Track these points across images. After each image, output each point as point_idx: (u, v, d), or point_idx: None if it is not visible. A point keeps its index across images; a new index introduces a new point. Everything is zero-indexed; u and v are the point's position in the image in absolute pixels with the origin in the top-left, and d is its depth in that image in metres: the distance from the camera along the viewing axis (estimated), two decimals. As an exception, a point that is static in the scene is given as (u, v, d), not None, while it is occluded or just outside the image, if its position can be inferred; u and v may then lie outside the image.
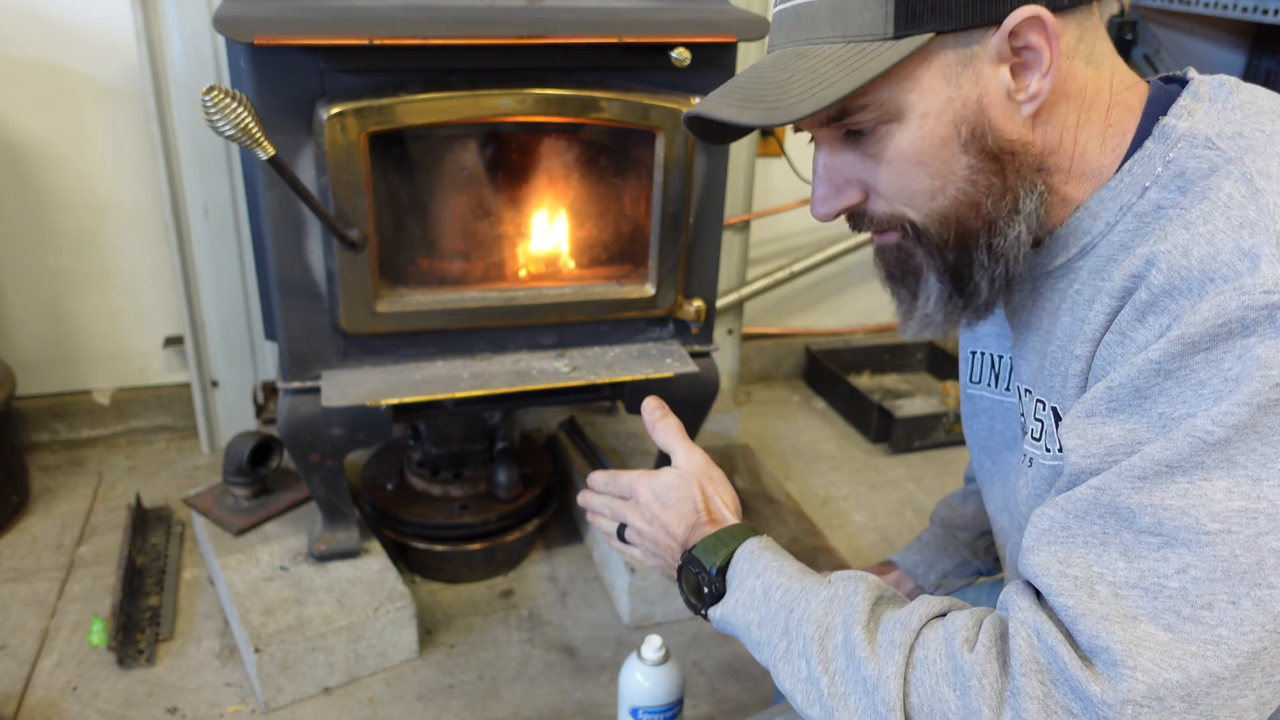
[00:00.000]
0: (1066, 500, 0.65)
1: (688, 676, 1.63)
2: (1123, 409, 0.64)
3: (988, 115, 0.70)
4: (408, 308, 1.51)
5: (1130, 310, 0.66)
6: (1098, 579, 0.62)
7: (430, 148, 1.53)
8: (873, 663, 0.68)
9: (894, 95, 0.70)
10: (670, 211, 1.55)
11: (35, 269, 2.04)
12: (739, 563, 0.82)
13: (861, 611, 0.72)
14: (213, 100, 1.17)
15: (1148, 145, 0.72)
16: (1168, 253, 0.64)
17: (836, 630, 0.72)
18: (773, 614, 0.77)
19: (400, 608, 1.59)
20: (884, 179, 0.74)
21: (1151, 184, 0.70)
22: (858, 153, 0.74)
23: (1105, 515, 0.63)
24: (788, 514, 2.04)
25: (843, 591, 0.74)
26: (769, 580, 0.79)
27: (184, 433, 2.25)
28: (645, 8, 1.47)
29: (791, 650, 0.74)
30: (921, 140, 0.71)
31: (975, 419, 0.96)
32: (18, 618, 1.69)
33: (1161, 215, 0.69)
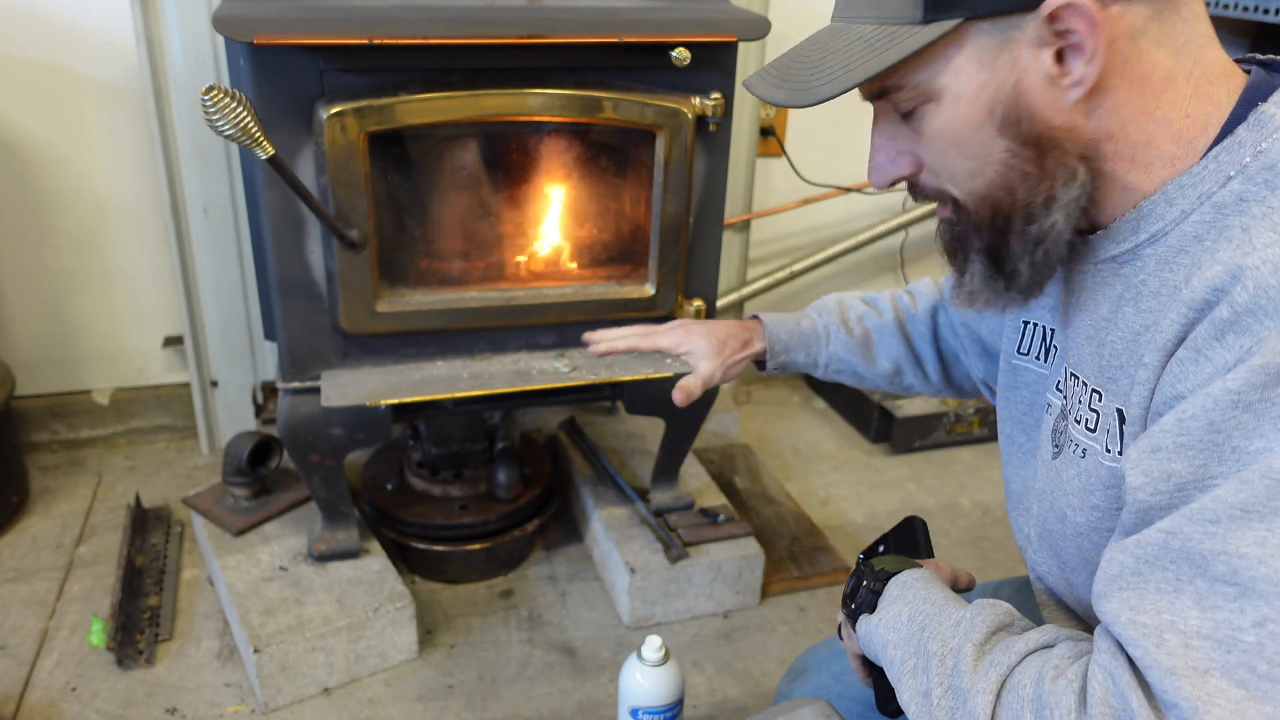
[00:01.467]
0: (1136, 545, 0.62)
1: (688, 676, 1.63)
2: (1193, 444, 0.61)
3: (1026, 100, 0.68)
4: (408, 308, 1.51)
5: (1209, 326, 0.62)
6: (1167, 627, 0.59)
7: (430, 148, 1.53)
8: (971, 677, 0.69)
9: (928, 77, 0.70)
10: (670, 211, 1.54)
11: (35, 269, 2.04)
12: (894, 586, 0.83)
13: (979, 633, 0.72)
14: (212, 100, 1.17)
15: (1239, 132, 0.67)
16: (1256, 268, 0.60)
17: (956, 650, 0.72)
18: (910, 635, 0.78)
19: (400, 608, 1.59)
20: (928, 155, 0.75)
21: (1237, 174, 0.66)
22: (909, 127, 0.75)
23: (1177, 560, 0.60)
24: (788, 514, 2.03)
25: (970, 614, 0.74)
26: (915, 607, 0.80)
27: (184, 433, 2.25)
28: (645, 8, 1.47)
29: (917, 667, 0.75)
30: (955, 122, 0.71)
31: (1016, 391, 0.94)
32: (17, 618, 1.69)
33: (1243, 209, 0.65)
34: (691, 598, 1.76)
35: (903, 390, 1.20)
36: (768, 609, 1.81)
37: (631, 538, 1.78)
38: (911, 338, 1.17)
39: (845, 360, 1.17)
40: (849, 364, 1.17)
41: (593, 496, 1.90)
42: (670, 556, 1.73)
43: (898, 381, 1.18)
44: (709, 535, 1.79)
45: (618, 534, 1.79)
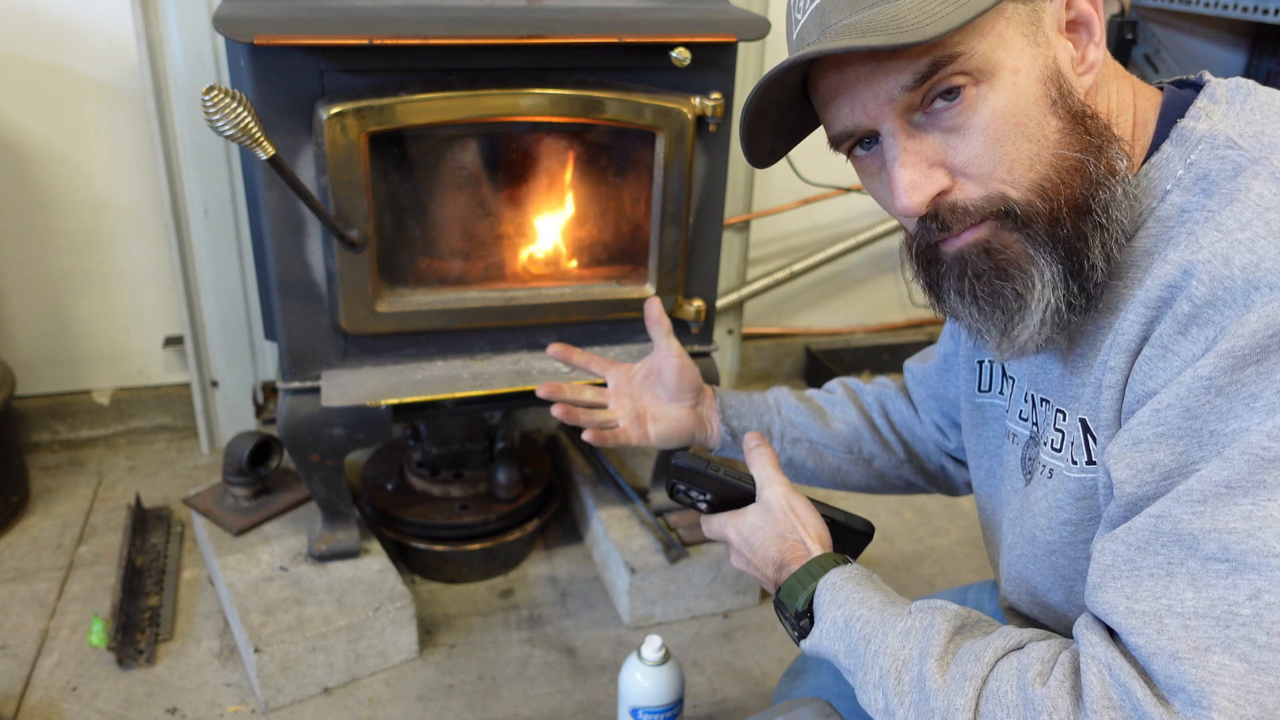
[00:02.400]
0: (1127, 532, 0.63)
1: (688, 676, 1.63)
2: (1172, 433, 0.62)
3: (1066, 78, 0.69)
4: (408, 308, 1.51)
5: (1171, 323, 0.63)
6: (1166, 611, 0.60)
7: (430, 148, 1.53)
8: (943, 695, 0.68)
9: (985, 50, 0.66)
10: (670, 211, 1.55)
11: (35, 269, 2.04)
12: (822, 594, 0.82)
13: (937, 644, 0.71)
14: (213, 100, 1.17)
15: (1165, 148, 0.70)
16: (1207, 262, 0.61)
17: (912, 663, 0.71)
18: (853, 645, 0.77)
19: (400, 608, 1.59)
20: (976, 151, 0.68)
21: (1173, 187, 0.69)
22: (939, 131, 0.69)
23: (1168, 544, 0.61)
24: (788, 514, 2.03)
25: (920, 624, 0.73)
26: (850, 611, 0.78)
27: (184, 433, 2.25)
28: (645, 8, 1.47)
29: (868, 681, 0.74)
30: (1017, 98, 0.67)
31: (986, 427, 0.94)
32: (18, 618, 1.69)
33: (1187, 219, 0.67)
34: (691, 598, 1.76)
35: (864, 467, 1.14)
36: (768, 609, 1.81)
37: (631, 538, 1.78)
38: (865, 406, 1.15)
39: (800, 425, 1.13)
40: (804, 429, 1.13)
41: (593, 496, 1.90)
42: (670, 556, 1.73)
43: (856, 449, 1.13)
44: (709, 535, 1.78)
45: (618, 534, 1.79)
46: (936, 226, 0.71)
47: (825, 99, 0.74)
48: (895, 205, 0.71)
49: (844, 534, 0.95)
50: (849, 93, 0.71)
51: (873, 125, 0.71)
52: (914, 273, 0.78)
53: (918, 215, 0.71)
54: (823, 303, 2.66)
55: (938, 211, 0.71)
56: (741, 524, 0.93)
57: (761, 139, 0.79)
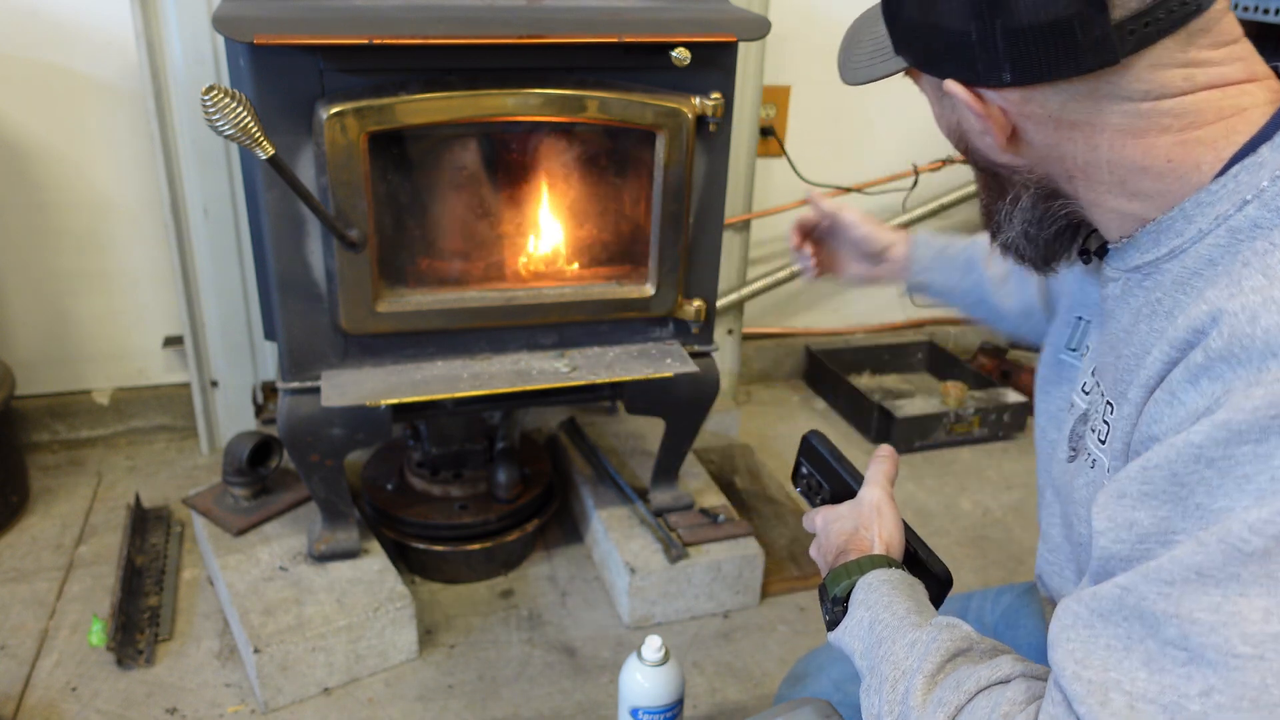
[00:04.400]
0: (1092, 597, 0.62)
1: (688, 676, 1.63)
2: (1156, 494, 0.60)
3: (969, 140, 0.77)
4: (408, 308, 1.51)
5: (1184, 370, 0.61)
6: (1113, 686, 0.58)
7: (430, 148, 1.53)
8: (918, 714, 0.68)
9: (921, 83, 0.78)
10: (670, 211, 1.54)
11: (35, 269, 2.04)
12: (858, 592, 0.83)
13: (931, 662, 0.71)
14: (212, 100, 1.17)
15: (1262, 151, 0.65)
16: (1235, 314, 0.59)
17: (907, 675, 0.72)
18: (868, 648, 0.77)
19: (400, 608, 1.59)
20: None
21: (1254, 198, 0.64)
22: None
23: (1130, 619, 0.59)
24: (788, 514, 2.03)
25: (926, 637, 0.73)
26: (875, 614, 0.79)
27: (184, 433, 2.25)
28: (645, 8, 1.47)
29: (871, 686, 0.75)
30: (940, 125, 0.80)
31: (1058, 387, 0.92)
32: (17, 618, 1.69)
33: (1256, 237, 0.63)
34: (691, 598, 1.76)
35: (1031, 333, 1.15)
36: (768, 609, 1.81)
37: (631, 538, 1.78)
38: None
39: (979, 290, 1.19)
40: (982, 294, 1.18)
41: (593, 496, 1.90)
42: (670, 556, 1.73)
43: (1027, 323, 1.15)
44: (709, 535, 1.79)
45: (618, 534, 1.79)
46: None
47: None
48: None
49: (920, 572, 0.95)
50: None
51: None
52: None
53: None
54: (823, 303, 2.66)
55: None
56: (830, 513, 0.94)
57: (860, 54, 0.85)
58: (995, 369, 2.64)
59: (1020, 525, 2.09)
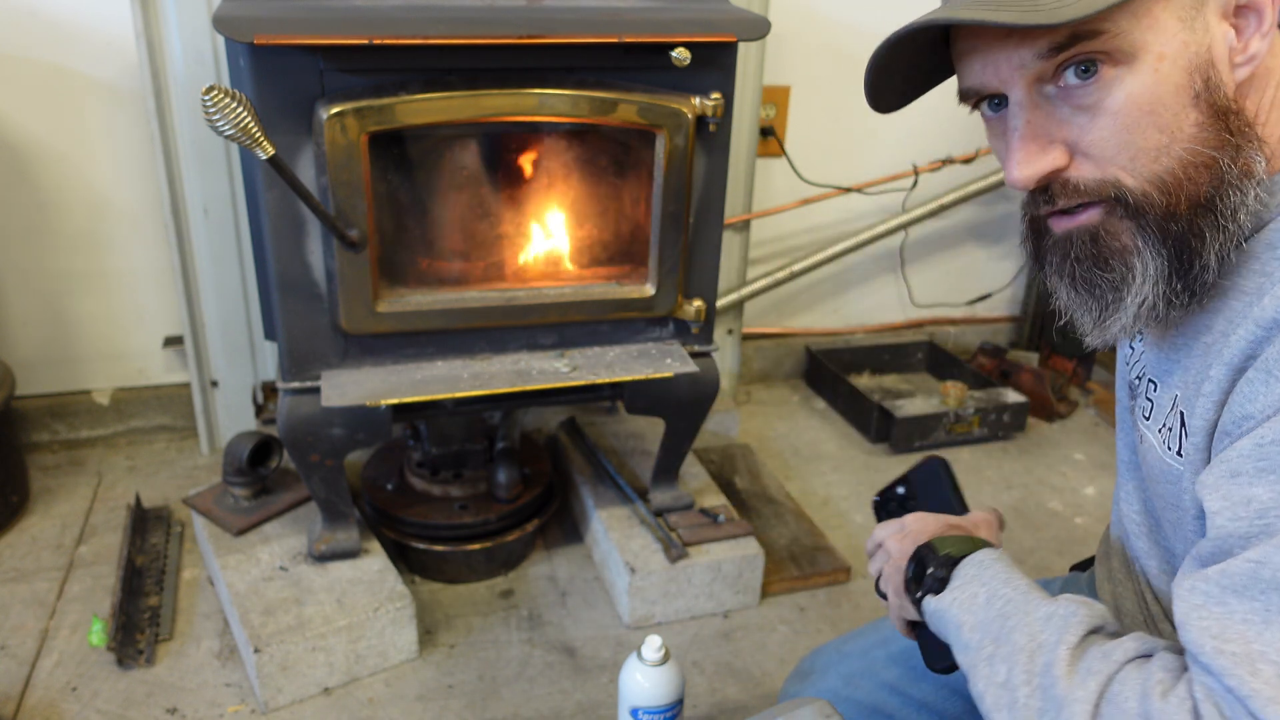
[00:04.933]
0: (1221, 574, 0.61)
1: (688, 676, 1.63)
2: (1274, 469, 0.59)
3: (1218, 69, 0.65)
4: (408, 308, 1.51)
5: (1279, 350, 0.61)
6: (1259, 657, 0.58)
7: (430, 148, 1.53)
8: (1065, 683, 0.66)
9: (1132, 30, 0.64)
10: (670, 211, 1.54)
11: (35, 269, 2.04)
12: (968, 566, 0.81)
13: (1073, 634, 0.69)
14: (212, 100, 1.17)
15: None
16: None
17: (1047, 647, 0.70)
18: (989, 620, 0.75)
19: (400, 608, 1.59)
20: (1102, 134, 0.67)
21: None
22: (1069, 107, 0.68)
23: (1268, 591, 0.58)
24: (788, 514, 2.04)
25: (1063, 611, 0.71)
26: (993, 590, 0.77)
27: (184, 433, 2.25)
28: (645, 8, 1.47)
29: (996, 655, 0.72)
30: (1157, 85, 0.64)
31: None
32: (17, 618, 1.69)
33: None
34: (691, 598, 1.76)
35: None
36: (768, 609, 1.81)
37: (631, 538, 1.78)
38: None
39: None
40: None
41: (593, 496, 1.90)
42: (670, 556, 1.73)
43: None
44: (709, 535, 1.79)
45: (618, 534, 1.79)
46: (1044, 199, 0.71)
47: (960, 54, 0.73)
48: (1006, 174, 0.71)
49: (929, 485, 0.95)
50: (983, 52, 0.70)
51: (1001, 89, 0.70)
52: (1022, 237, 0.79)
53: (1026, 189, 0.71)
54: (823, 303, 2.66)
55: (1048, 185, 0.70)
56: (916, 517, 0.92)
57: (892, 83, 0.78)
58: (995, 369, 2.64)
59: (1021, 525, 2.09)
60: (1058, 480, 2.26)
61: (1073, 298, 0.73)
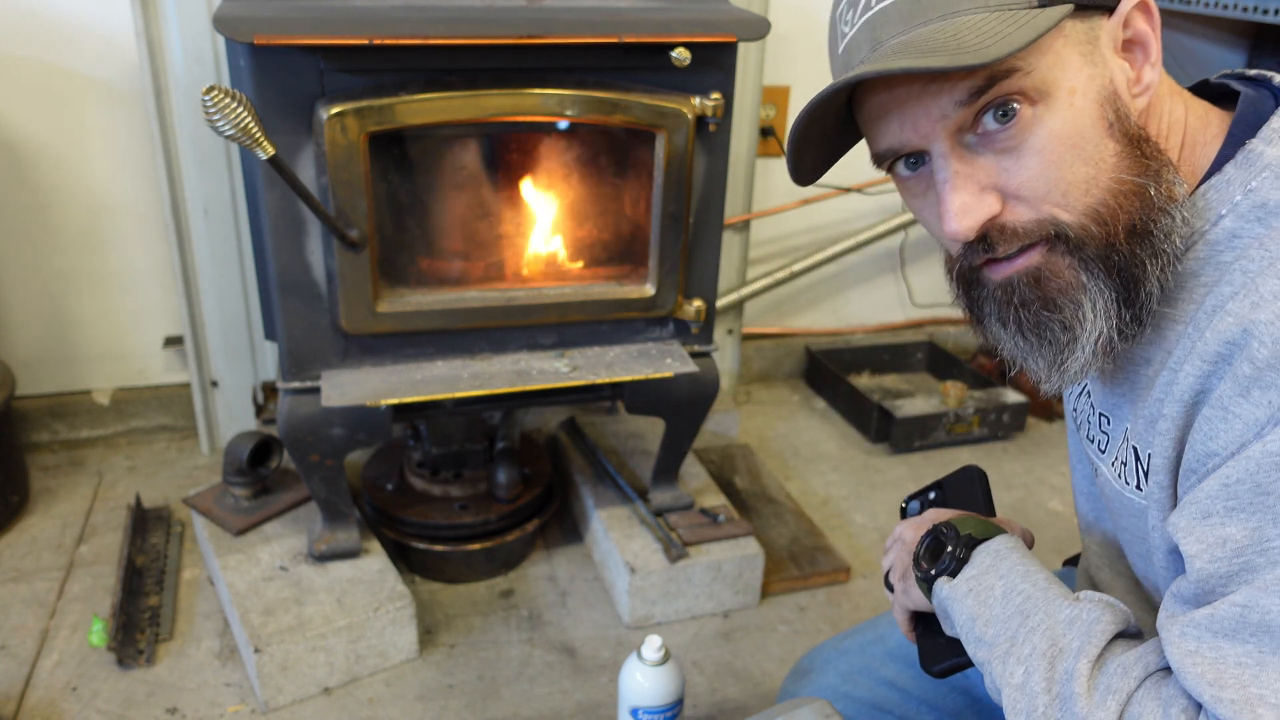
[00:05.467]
0: (1209, 619, 0.62)
1: (688, 676, 1.63)
2: (1243, 508, 0.60)
3: (1123, 99, 0.67)
4: (408, 308, 1.51)
5: (1231, 383, 0.61)
6: (1258, 701, 0.58)
7: (430, 148, 1.53)
8: (1085, 701, 0.66)
9: (1042, 69, 0.65)
10: (670, 211, 1.54)
11: (35, 269, 2.04)
12: (983, 555, 0.79)
13: (1096, 643, 0.68)
14: (213, 100, 1.17)
15: (1228, 170, 0.67)
16: (1270, 322, 0.60)
17: (1069, 655, 0.69)
18: (1007, 616, 0.74)
19: (400, 608, 1.59)
20: (1031, 174, 0.67)
21: (1228, 212, 0.66)
22: (991, 153, 0.68)
23: (1258, 634, 0.59)
24: (788, 514, 2.04)
25: (1087, 615, 0.70)
26: (1010, 584, 0.75)
27: (184, 433, 2.25)
28: (645, 8, 1.47)
29: (1012, 655, 0.71)
30: (1075, 119, 0.65)
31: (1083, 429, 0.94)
32: (18, 618, 1.69)
33: (1237, 246, 0.65)
34: (691, 597, 1.76)
35: None
36: (768, 609, 1.81)
37: (631, 538, 1.78)
38: None
39: None
40: None
41: (593, 496, 1.90)
42: (670, 556, 1.73)
43: None
44: (709, 535, 1.79)
45: (618, 534, 1.79)
46: (982, 248, 0.70)
47: (872, 115, 0.72)
48: (943, 229, 0.70)
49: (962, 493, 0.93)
50: (899, 110, 0.69)
51: (922, 144, 0.69)
52: (954, 295, 0.77)
53: (966, 240, 0.69)
54: (823, 303, 2.66)
55: (986, 234, 0.69)
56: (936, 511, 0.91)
57: (805, 157, 0.76)
58: (995, 369, 2.64)
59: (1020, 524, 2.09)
60: (1058, 480, 2.26)
61: (1022, 345, 0.72)
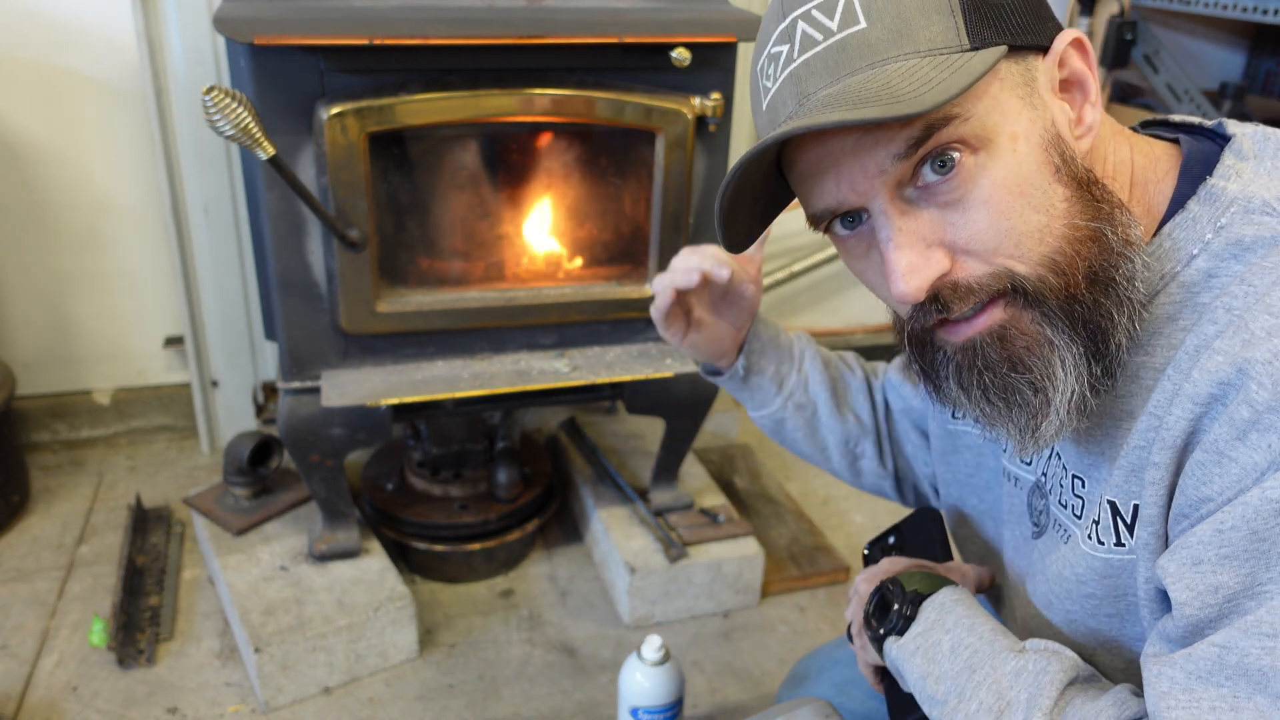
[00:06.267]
0: (1187, 660, 0.59)
1: (688, 676, 1.63)
2: (1237, 555, 0.58)
3: (1066, 142, 0.63)
4: (408, 308, 1.51)
5: (1227, 426, 0.59)
6: None
7: (430, 148, 1.53)
8: None
9: (980, 114, 0.61)
10: (670, 211, 1.55)
11: (35, 269, 2.04)
12: (929, 609, 0.78)
13: (1048, 695, 0.67)
14: (213, 100, 1.17)
15: (1192, 208, 0.65)
16: (1266, 362, 0.57)
17: (1017, 708, 0.67)
18: (955, 672, 0.73)
19: (400, 608, 1.59)
20: (979, 226, 0.62)
21: (1200, 251, 0.64)
22: (934, 207, 0.63)
23: (1234, 677, 0.57)
24: (788, 514, 2.04)
25: (1034, 666, 0.69)
26: (957, 638, 0.74)
27: (184, 433, 2.25)
28: (645, 8, 1.47)
29: (959, 710, 0.71)
30: (1019, 165, 0.62)
31: (957, 455, 0.92)
32: (18, 618, 1.69)
33: (1215, 285, 0.63)
34: (691, 597, 1.76)
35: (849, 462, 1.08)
36: (768, 609, 1.81)
37: (631, 537, 1.79)
38: (876, 404, 1.08)
39: (812, 394, 1.05)
40: (814, 399, 1.05)
41: (593, 496, 1.90)
42: (670, 556, 1.73)
43: (852, 445, 1.06)
44: (709, 535, 1.79)
45: (618, 534, 1.79)
46: (935, 308, 0.65)
47: (805, 174, 0.67)
48: (891, 291, 0.65)
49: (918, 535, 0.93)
50: (833, 167, 0.64)
51: (861, 202, 0.65)
52: (907, 359, 0.72)
53: (917, 301, 0.65)
54: (823, 303, 2.66)
55: (938, 293, 0.65)
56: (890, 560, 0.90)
57: (737, 223, 0.71)
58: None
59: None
60: (1058, 480, 2.26)
61: (989, 411, 0.67)
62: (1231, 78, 2.55)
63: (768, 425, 1.08)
